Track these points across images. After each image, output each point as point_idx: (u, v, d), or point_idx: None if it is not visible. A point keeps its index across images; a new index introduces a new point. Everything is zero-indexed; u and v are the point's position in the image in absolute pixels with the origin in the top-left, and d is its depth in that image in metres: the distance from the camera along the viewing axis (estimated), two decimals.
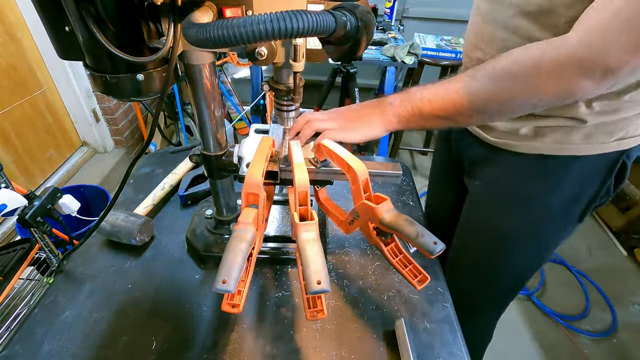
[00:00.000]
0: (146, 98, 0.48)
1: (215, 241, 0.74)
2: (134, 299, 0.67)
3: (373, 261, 0.75)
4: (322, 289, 0.40)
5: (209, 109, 0.57)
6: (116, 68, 0.43)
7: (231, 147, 0.65)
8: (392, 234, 0.55)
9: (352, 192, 0.57)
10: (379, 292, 0.69)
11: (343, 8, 0.35)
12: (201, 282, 0.70)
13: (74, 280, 0.70)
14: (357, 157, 0.56)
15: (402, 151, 2.74)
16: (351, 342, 0.61)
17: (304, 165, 0.53)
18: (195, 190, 0.88)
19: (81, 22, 0.38)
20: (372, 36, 0.38)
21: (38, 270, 1.09)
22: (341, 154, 0.56)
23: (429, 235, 0.48)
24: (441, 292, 0.69)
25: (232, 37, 0.30)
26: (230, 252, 0.43)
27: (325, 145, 0.59)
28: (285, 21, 0.29)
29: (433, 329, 0.63)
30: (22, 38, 1.84)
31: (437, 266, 0.75)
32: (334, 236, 0.80)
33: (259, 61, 0.45)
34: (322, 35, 0.33)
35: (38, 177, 1.99)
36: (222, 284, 0.40)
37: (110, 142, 2.40)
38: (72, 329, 0.62)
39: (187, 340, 0.60)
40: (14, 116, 1.81)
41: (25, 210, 0.76)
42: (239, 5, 0.43)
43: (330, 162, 0.62)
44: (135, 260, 0.74)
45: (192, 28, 0.33)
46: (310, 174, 0.57)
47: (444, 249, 0.48)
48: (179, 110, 2.22)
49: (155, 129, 0.50)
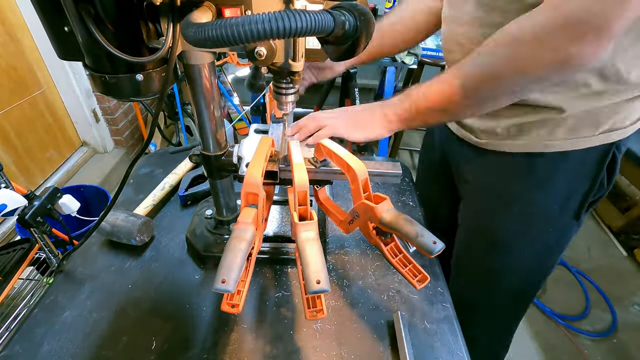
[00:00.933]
0: (145, 98, 0.48)
1: (215, 241, 0.74)
2: (134, 299, 0.67)
3: (373, 261, 0.75)
4: (321, 288, 0.40)
5: (209, 109, 0.57)
6: (115, 68, 0.43)
7: (231, 147, 0.65)
8: (391, 233, 0.55)
9: (351, 191, 0.57)
10: (379, 292, 0.69)
11: (342, 7, 0.35)
12: (201, 282, 0.70)
13: (74, 280, 0.70)
14: (356, 156, 0.56)
15: (402, 151, 2.74)
16: (351, 342, 0.61)
17: (304, 165, 0.53)
18: (195, 191, 0.88)
19: (80, 22, 0.38)
20: (371, 36, 0.38)
21: (38, 270, 1.09)
22: (340, 154, 0.56)
23: (428, 234, 0.48)
24: (441, 292, 0.69)
25: (231, 37, 0.30)
26: (229, 252, 0.43)
27: (324, 145, 0.59)
28: (283, 21, 0.29)
29: (433, 329, 0.63)
30: (22, 38, 1.84)
31: (436, 266, 0.75)
32: (334, 236, 0.80)
33: (258, 61, 0.45)
34: (321, 34, 0.33)
35: (38, 177, 2.00)
36: (222, 283, 0.40)
37: (110, 142, 2.40)
38: (72, 329, 0.62)
39: (187, 340, 0.60)
40: (14, 116, 1.82)
41: (25, 210, 0.76)
42: (238, 5, 0.42)
43: (330, 162, 0.62)
44: (135, 260, 0.74)
45: (190, 28, 0.33)
46: (310, 173, 0.57)
47: (443, 248, 0.48)
48: (179, 110, 2.22)
49: (155, 129, 0.50)
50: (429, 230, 0.49)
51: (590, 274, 1.87)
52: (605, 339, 1.61)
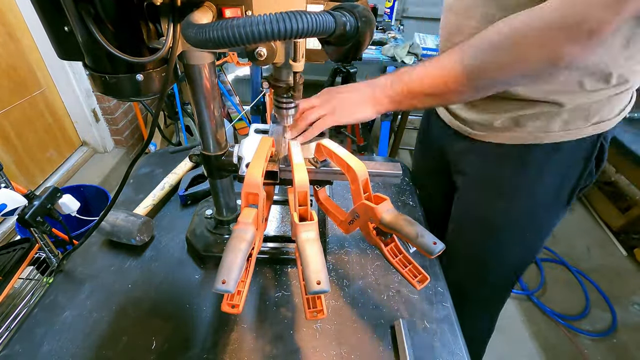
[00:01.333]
0: (145, 98, 0.48)
1: (215, 241, 0.74)
2: (134, 299, 0.67)
3: (373, 261, 0.75)
4: (322, 289, 0.40)
5: (209, 109, 0.57)
6: (115, 68, 0.43)
7: (231, 147, 0.65)
8: (392, 234, 0.55)
9: (351, 192, 0.57)
10: (379, 292, 0.69)
11: (342, 8, 0.35)
12: (201, 282, 0.70)
13: (74, 280, 0.70)
14: (356, 157, 0.56)
15: (402, 151, 2.74)
16: (351, 342, 0.61)
17: (304, 165, 0.53)
18: (195, 190, 0.88)
19: (80, 22, 0.38)
20: (372, 36, 0.38)
21: (38, 270, 1.09)
22: (341, 154, 0.56)
23: (428, 235, 0.48)
24: (441, 293, 0.69)
25: (232, 38, 0.30)
26: (230, 252, 0.43)
27: (325, 145, 0.59)
28: (285, 22, 0.29)
29: (433, 329, 0.63)
30: (22, 38, 1.84)
31: (437, 267, 0.75)
32: (334, 236, 0.80)
33: (258, 61, 0.45)
34: (322, 35, 0.33)
35: (38, 176, 2.00)
36: (222, 284, 0.40)
37: (110, 142, 2.40)
38: (72, 329, 0.62)
39: (187, 340, 0.60)
40: (14, 116, 1.81)
41: (25, 210, 0.76)
42: (239, 6, 0.42)
43: (330, 162, 0.62)
44: (135, 260, 0.74)
45: (191, 29, 0.33)
46: (310, 173, 0.57)
47: (443, 249, 0.48)
48: (178, 110, 2.22)
49: (155, 129, 0.50)
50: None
51: (590, 274, 1.88)
52: (605, 338, 1.61)
